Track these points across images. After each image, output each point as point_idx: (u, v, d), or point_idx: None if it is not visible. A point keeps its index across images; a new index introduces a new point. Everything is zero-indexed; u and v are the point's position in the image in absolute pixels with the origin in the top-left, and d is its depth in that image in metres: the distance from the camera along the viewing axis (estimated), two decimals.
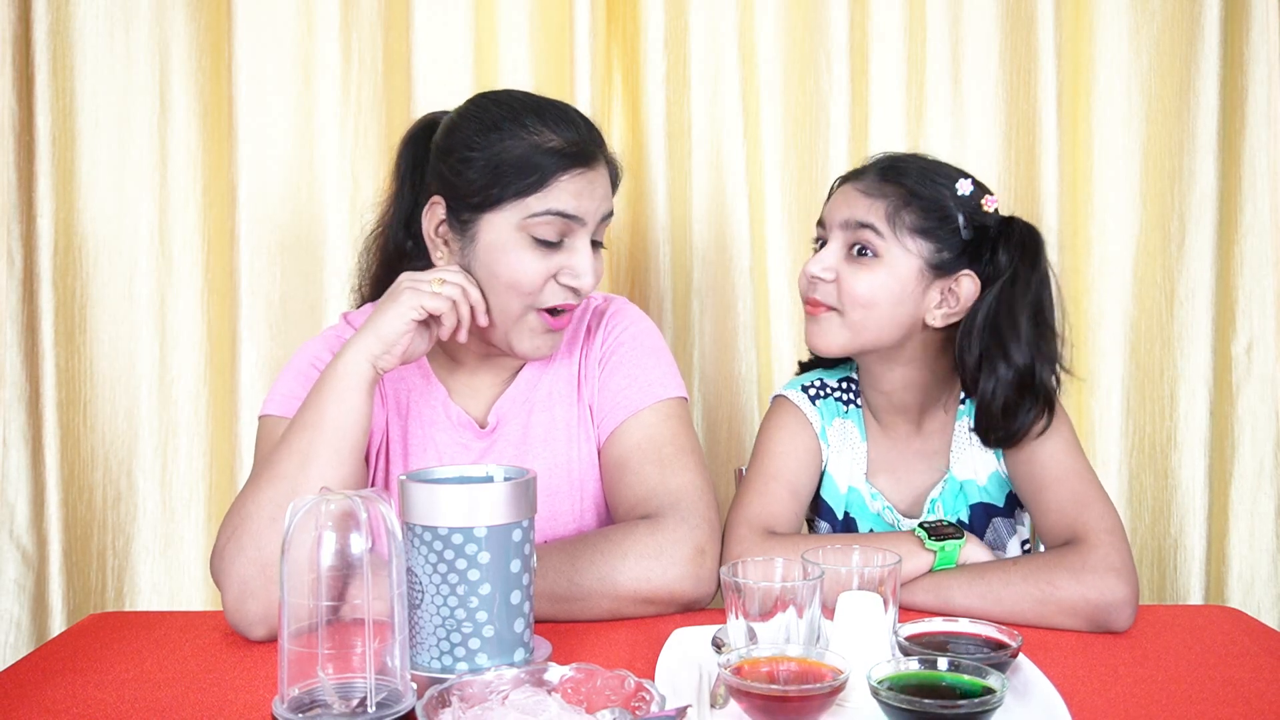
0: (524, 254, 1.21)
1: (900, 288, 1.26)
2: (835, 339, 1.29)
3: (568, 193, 1.21)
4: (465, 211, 1.23)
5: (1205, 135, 1.94)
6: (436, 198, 1.26)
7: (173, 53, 1.94)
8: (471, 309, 1.20)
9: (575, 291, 1.24)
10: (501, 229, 1.22)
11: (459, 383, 1.35)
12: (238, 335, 1.92)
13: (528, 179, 1.20)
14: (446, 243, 1.26)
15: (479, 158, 1.22)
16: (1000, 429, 1.26)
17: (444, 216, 1.25)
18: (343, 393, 1.13)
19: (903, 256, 1.25)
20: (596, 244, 1.27)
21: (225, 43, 1.90)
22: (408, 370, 1.34)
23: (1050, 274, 1.28)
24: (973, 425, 1.31)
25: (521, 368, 1.36)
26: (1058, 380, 1.27)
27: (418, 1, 1.89)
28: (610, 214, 1.28)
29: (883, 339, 1.28)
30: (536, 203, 1.20)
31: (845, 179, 1.33)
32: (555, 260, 1.22)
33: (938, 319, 1.28)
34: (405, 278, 1.19)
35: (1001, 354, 1.23)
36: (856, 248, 1.27)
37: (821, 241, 1.33)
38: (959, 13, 1.98)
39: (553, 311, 1.25)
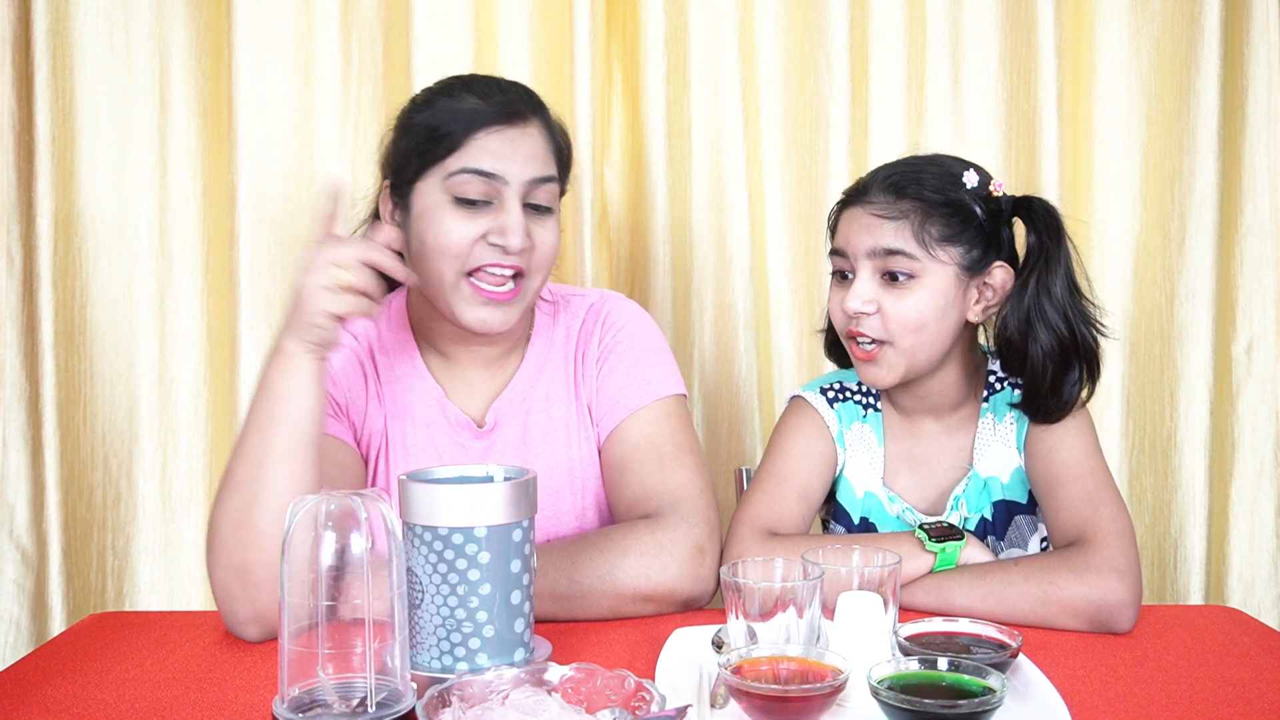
0: (448, 215, 1.22)
1: (943, 300, 1.25)
2: (893, 372, 1.27)
3: (485, 150, 1.22)
4: (403, 186, 1.26)
5: (1205, 135, 1.94)
6: (385, 182, 1.30)
7: (173, 53, 1.94)
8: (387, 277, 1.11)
9: (504, 250, 1.22)
10: (429, 194, 1.24)
11: (455, 382, 1.35)
12: (238, 335, 1.91)
13: (446, 140, 1.23)
14: (399, 225, 1.28)
15: (410, 130, 1.27)
16: (1049, 400, 1.26)
17: (392, 199, 1.29)
18: (287, 388, 1.09)
19: (938, 270, 1.24)
20: (541, 211, 1.26)
21: (225, 43, 1.90)
22: (404, 371, 1.34)
23: (1071, 243, 1.28)
24: (998, 421, 1.32)
25: (518, 368, 1.36)
26: (1096, 343, 1.27)
27: (418, 1, 1.89)
28: (549, 179, 1.26)
29: (935, 355, 1.28)
30: (454, 162, 1.22)
31: (850, 202, 1.30)
32: (483, 222, 1.22)
33: (977, 314, 1.28)
34: (304, 268, 1.10)
35: (1043, 323, 1.24)
36: (889, 273, 1.25)
37: (840, 272, 1.30)
38: (959, 13, 1.98)
39: (485, 278, 1.23)
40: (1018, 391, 1.31)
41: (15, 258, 1.92)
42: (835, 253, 1.31)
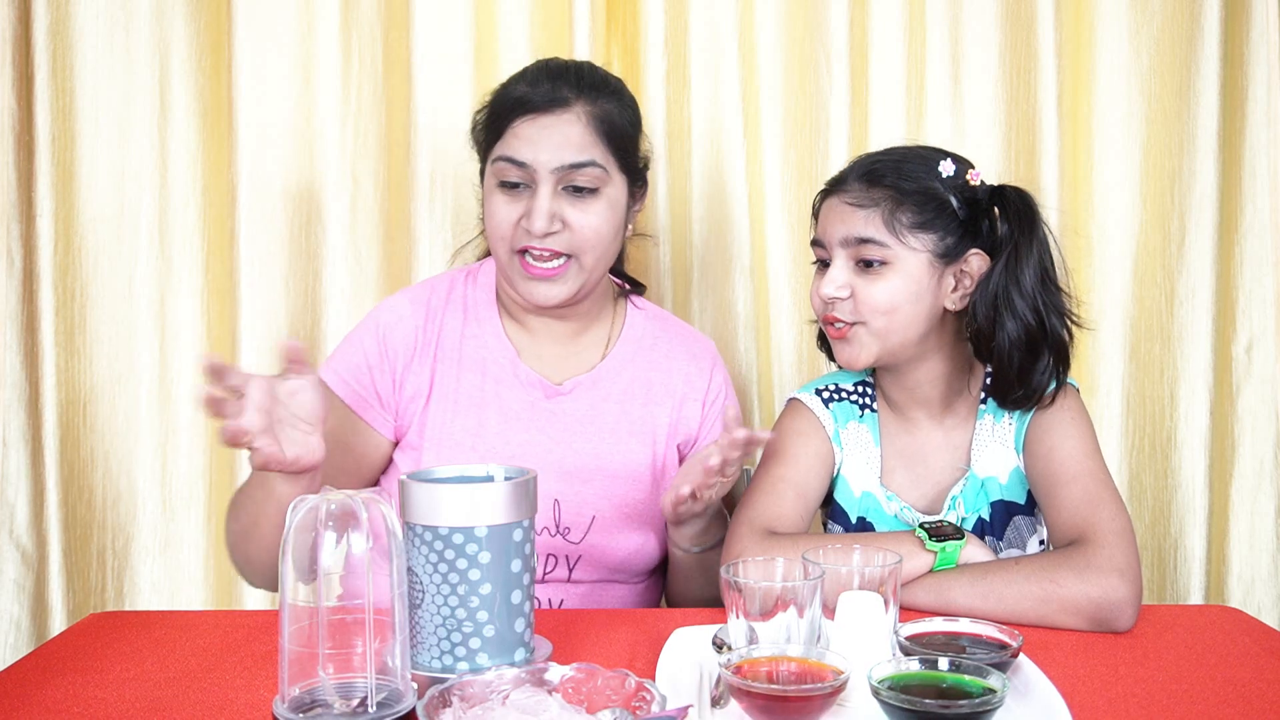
0: (494, 198, 1.33)
1: (916, 286, 1.26)
2: (867, 351, 1.29)
3: (517, 138, 1.30)
4: (482, 167, 1.39)
5: (1205, 135, 1.94)
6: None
7: (173, 53, 1.94)
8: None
9: (529, 234, 1.29)
10: (487, 179, 1.36)
11: (530, 350, 1.41)
12: (238, 335, 1.91)
13: (494, 127, 1.34)
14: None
15: (483, 115, 1.38)
16: (1016, 388, 1.27)
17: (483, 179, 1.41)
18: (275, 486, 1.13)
19: (910, 256, 1.26)
20: (584, 193, 1.30)
21: (225, 43, 1.90)
22: (482, 329, 1.40)
23: (1048, 233, 1.29)
24: (996, 421, 1.32)
25: (605, 357, 1.42)
26: (1070, 334, 1.28)
27: (418, 1, 1.89)
28: (584, 164, 1.29)
29: (910, 338, 1.29)
30: (497, 149, 1.33)
31: (829, 192, 1.32)
32: (521, 205, 1.30)
33: (954, 301, 1.29)
34: None
35: (1011, 313, 1.25)
36: (863, 261, 1.27)
37: (821, 261, 1.33)
38: (959, 13, 1.97)
39: (526, 255, 1.31)
40: None
41: (15, 258, 1.91)
42: (815, 243, 1.33)
